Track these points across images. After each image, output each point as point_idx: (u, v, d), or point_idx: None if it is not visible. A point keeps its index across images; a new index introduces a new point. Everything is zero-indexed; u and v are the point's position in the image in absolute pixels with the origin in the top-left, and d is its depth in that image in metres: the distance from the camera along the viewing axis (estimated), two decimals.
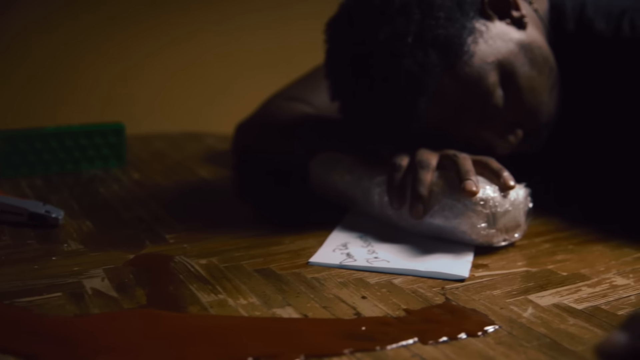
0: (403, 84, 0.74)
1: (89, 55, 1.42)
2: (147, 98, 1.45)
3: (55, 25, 1.38)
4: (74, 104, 1.40)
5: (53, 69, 1.40)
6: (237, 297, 0.60)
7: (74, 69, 1.41)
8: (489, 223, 0.69)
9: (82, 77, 1.42)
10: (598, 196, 0.86)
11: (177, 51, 1.47)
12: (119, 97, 1.43)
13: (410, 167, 0.74)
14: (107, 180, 0.97)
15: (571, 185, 0.89)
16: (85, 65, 1.42)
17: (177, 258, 0.68)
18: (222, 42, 1.43)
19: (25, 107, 1.37)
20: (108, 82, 1.44)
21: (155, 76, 1.47)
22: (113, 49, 1.44)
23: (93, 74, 1.43)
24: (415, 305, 0.58)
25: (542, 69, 0.80)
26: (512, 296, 0.60)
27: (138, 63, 1.46)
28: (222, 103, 1.10)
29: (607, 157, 0.85)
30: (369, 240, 0.73)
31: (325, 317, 0.56)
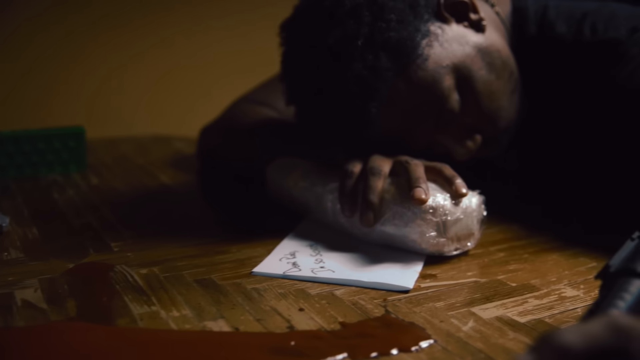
0: (353, 89, 0.72)
1: (67, 63, 1.41)
2: (121, 102, 1.44)
3: (35, 33, 1.37)
4: (54, 107, 1.38)
5: (34, 74, 1.39)
6: (170, 308, 0.58)
7: (51, 74, 1.40)
8: (439, 232, 0.67)
9: (62, 83, 1.41)
10: (562, 199, 0.84)
11: (154, 56, 1.45)
12: (87, 101, 1.42)
13: (363, 174, 0.72)
14: (65, 185, 0.95)
15: (535, 188, 0.88)
16: (66, 72, 1.41)
17: (118, 267, 0.66)
18: (198, 47, 1.41)
19: (8, 111, 1.35)
20: (77, 88, 1.43)
21: (132, 81, 1.46)
22: (92, 55, 1.42)
23: (69, 79, 1.42)
24: (353, 318, 0.56)
25: (501, 73, 0.78)
26: (455, 308, 0.58)
27: (114, 71, 1.45)
28: (197, 107, 1.08)
29: (570, 160, 0.83)
30: (318, 249, 0.71)
31: (257, 331, 0.54)
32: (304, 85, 0.76)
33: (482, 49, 0.77)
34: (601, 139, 0.78)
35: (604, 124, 0.77)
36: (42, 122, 1.10)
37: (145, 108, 1.49)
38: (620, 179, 0.76)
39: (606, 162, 0.78)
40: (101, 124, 1.34)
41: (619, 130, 0.76)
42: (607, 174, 0.78)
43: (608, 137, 0.77)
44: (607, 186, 0.78)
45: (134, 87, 1.47)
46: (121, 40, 1.43)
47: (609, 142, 0.77)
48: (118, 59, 1.44)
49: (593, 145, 0.79)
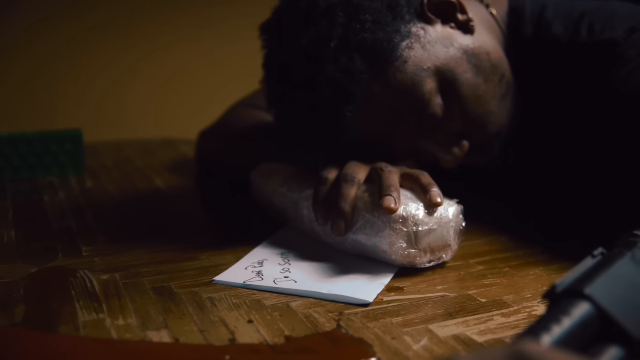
0: (326, 92, 0.69)
1: (74, 67, 1.42)
2: (128, 105, 1.45)
3: (44, 34, 1.38)
4: (61, 109, 1.40)
5: (41, 76, 1.41)
6: (117, 316, 0.56)
7: (58, 77, 1.42)
8: (410, 242, 0.64)
9: (71, 86, 1.43)
10: (558, 210, 0.80)
11: (162, 59, 1.46)
12: (94, 103, 1.43)
13: (337, 181, 0.69)
14: (58, 188, 0.96)
15: (531, 199, 0.83)
16: (72, 75, 1.43)
17: (80, 272, 0.65)
18: (207, 50, 1.41)
19: (14, 113, 1.38)
20: (84, 91, 1.45)
21: (140, 84, 1.46)
22: (99, 58, 1.44)
23: (80, 83, 1.44)
24: (301, 331, 0.54)
25: (490, 77, 0.74)
26: (412, 325, 0.55)
27: (123, 73, 1.46)
28: (205, 110, 1.07)
29: (565, 164, 0.78)
30: (289, 257, 0.69)
31: (196, 343, 0.52)
32: (279, 89, 0.74)
33: (469, 51, 0.73)
34: (596, 143, 0.73)
35: (599, 127, 0.72)
36: (48, 125, 1.11)
37: (153, 111, 1.49)
38: (616, 184, 0.72)
39: (602, 166, 0.73)
40: (108, 127, 1.35)
41: (614, 134, 0.71)
42: (603, 178, 0.73)
43: (603, 141, 0.72)
44: (604, 191, 0.73)
45: (141, 90, 1.48)
46: (129, 43, 1.44)
47: (604, 146, 0.72)
48: (126, 62, 1.45)
49: (588, 149, 0.74)
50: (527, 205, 0.83)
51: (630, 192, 0.69)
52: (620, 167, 0.71)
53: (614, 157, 0.72)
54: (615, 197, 0.72)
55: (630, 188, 0.70)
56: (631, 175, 0.69)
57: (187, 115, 1.14)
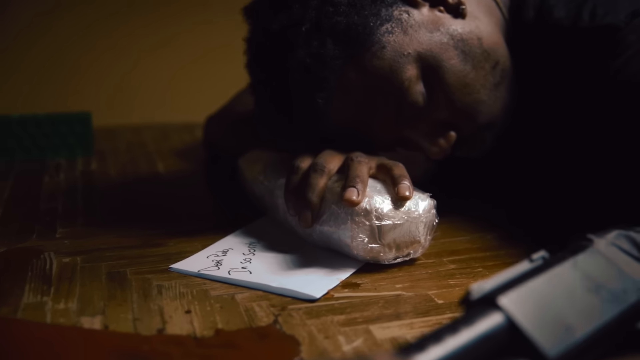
0: (297, 78, 0.66)
1: (96, 47, 1.44)
2: (150, 88, 1.45)
3: (62, 17, 1.40)
4: (82, 93, 1.42)
5: (61, 59, 1.43)
6: (60, 300, 0.56)
7: (82, 60, 1.44)
8: (373, 237, 0.61)
9: (90, 68, 1.44)
10: (551, 206, 0.74)
11: (186, 44, 1.45)
12: (115, 87, 1.44)
13: (308, 170, 0.67)
14: (63, 169, 0.97)
15: (524, 194, 0.78)
16: (93, 56, 1.44)
17: (45, 254, 0.66)
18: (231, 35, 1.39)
19: (33, 96, 1.40)
20: (106, 74, 1.46)
21: (163, 67, 1.47)
22: (121, 41, 1.45)
23: (99, 65, 1.45)
24: (234, 325, 0.52)
25: (480, 64, 0.70)
26: (352, 324, 0.52)
27: (144, 57, 1.47)
28: (226, 95, 1.06)
29: (561, 159, 0.73)
30: (256, 248, 0.67)
31: (125, 331, 0.51)
32: (254, 73, 0.72)
33: (457, 36, 0.69)
34: (592, 133, 0.68)
35: (595, 117, 0.67)
36: (67, 107, 1.12)
37: (174, 95, 1.49)
38: (611, 177, 0.66)
39: (598, 159, 0.68)
40: (129, 111, 1.36)
41: (610, 124, 0.65)
42: (599, 171, 0.68)
43: (599, 131, 0.67)
44: (599, 184, 0.68)
45: (163, 74, 1.48)
46: (150, 28, 1.43)
47: (600, 138, 0.67)
48: (147, 46, 1.45)
49: (584, 140, 0.69)
50: (520, 202, 0.78)
51: (626, 187, 0.64)
52: (615, 160, 0.65)
53: (610, 149, 0.66)
54: (610, 191, 0.67)
55: (625, 182, 0.64)
56: (627, 169, 0.64)
57: (207, 100, 1.13)
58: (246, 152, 0.84)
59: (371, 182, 0.65)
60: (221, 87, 1.40)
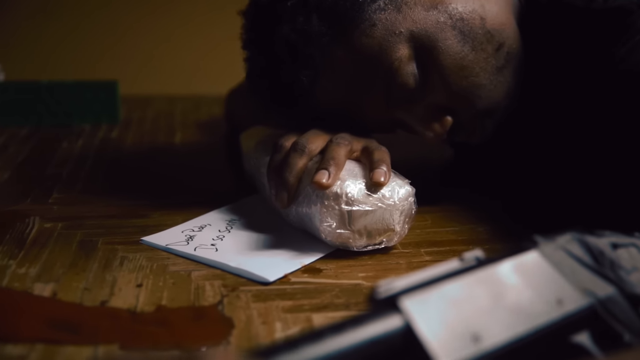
0: (281, 54, 0.64)
1: (133, 13, 1.45)
2: (185, 60, 1.46)
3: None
4: (120, 61, 1.43)
5: (99, 26, 1.44)
6: (23, 265, 0.57)
7: (118, 27, 1.45)
8: (342, 222, 0.59)
9: (126, 36, 1.45)
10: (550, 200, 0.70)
11: (221, 17, 1.45)
12: (154, 57, 1.45)
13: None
14: (84, 135, 0.99)
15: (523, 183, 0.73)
16: (129, 24, 1.46)
17: (30, 219, 0.67)
18: None
19: (66, 62, 1.43)
20: (148, 43, 1.47)
21: (198, 38, 1.47)
22: (158, 10, 1.46)
23: (135, 33, 1.46)
24: (179, 302, 0.51)
25: (481, 46, 0.65)
26: (296, 311, 0.50)
27: (179, 27, 1.47)
28: None
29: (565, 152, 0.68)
30: (233, 226, 0.66)
31: (71, 300, 0.51)
32: (244, 48, 0.70)
33: (456, 15, 0.65)
34: (592, 124, 0.63)
35: (596, 106, 0.62)
36: (104, 76, 1.14)
37: (210, 66, 1.49)
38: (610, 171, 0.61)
39: (597, 150, 0.63)
40: (165, 80, 1.37)
41: (609, 115, 0.60)
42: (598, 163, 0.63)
43: (599, 122, 0.62)
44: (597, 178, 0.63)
45: (200, 44, 1.48)
46: None
47: (600, 129, 0.62)
48: (182, 17, 1.46)
49: (584, 130, 0.64)
50: (519, 193, 0.74)
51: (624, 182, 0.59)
52: (614, 153, 0.60)
53: (609, 141, 0.61)
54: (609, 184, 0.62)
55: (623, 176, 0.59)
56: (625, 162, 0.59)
57: (240, 72, 1.13)
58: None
59: (350, 166, 0.62)
60: None
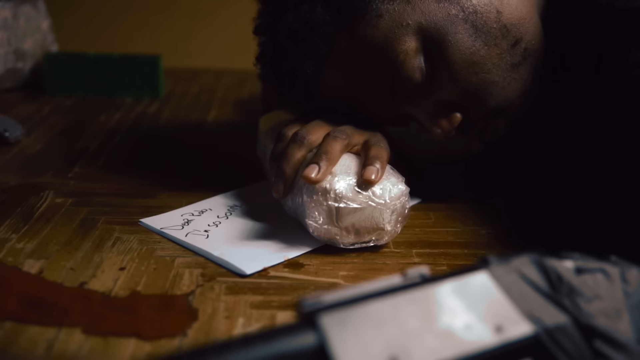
0: (284, 43, 0.64)
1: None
2: (234, 34, 1.45)
3: None
4: (166, 31, 1.44)
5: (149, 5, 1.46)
6: (23, 239, 0.60)
7: (165, 4, 1.46)
8: (330, 218, 0.58)
9: (174, 9, 1.45)
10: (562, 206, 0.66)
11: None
12: (201, 30, 1.45)
13: None
14: (123, 109, 1.02)
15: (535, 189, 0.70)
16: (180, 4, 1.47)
17: (44, 193, 0.70)
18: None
19: (119, 34, 1.44)
20: (197, 15, 1.47)
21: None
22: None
23: (184, 6, 1.46)
24: (153, 289, 0.53)
25: (495, 41, 0.62)
26: (264, 307, 0.51)
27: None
28: None
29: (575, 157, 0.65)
30: (233, 212, 0.67)
31: (55, 280, 0.53)
32: (255, 33, 0.69)
33: (469, 7, 0.62)
34: (602, 130, 0.59)
35: (607, 112, 0.58)
36: (155, 48, 1.17)
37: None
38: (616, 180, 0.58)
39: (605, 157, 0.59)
40: (214, 54, 1.38)
41: (619, 123, 0.56)
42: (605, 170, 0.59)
43: (609, 129, 0.58)
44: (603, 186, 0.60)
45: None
46: None
47: (609, 136, 0.58)
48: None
49: (595, 136, 0.60)
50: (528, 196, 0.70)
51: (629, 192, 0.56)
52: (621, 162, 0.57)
53: (617, 149, 0.57)
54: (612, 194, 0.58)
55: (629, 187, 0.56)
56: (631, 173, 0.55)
57: None
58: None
59: (347, 160, 0.61)
60: None
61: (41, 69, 1.07)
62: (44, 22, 1.10)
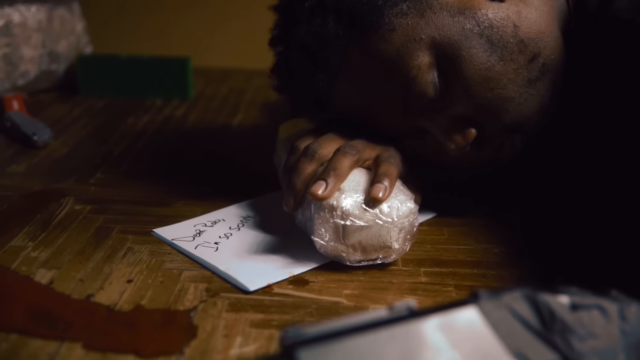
0: (297, 56, 0.63)
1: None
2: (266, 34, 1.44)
3: None
4: (198, 30, 1.44)
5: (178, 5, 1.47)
6: (38, 248, 0.61)
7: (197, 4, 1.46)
8: (336, 235, 0.58)
9: (205, 9, 1.45)
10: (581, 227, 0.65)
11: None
12: (233, 30, 1.45)
13: None
14: (151, 111, 1.03)
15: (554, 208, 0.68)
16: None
17: (65, 199, 0.72)
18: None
19: (152, 36, 1.45)
20: (228, 14, 1.46)
21: None
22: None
23: (215, 5, 1.46)
24: (157, 304, 0.53)
25: (512, 56, 0.61)
26: (263, 326, 0.51)
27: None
28: None
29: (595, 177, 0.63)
30: (245, 223, 0.67)
31: (64, 292, 0.54)
32: (269, 46, 0.69)
33: (485, 22, 0.60)
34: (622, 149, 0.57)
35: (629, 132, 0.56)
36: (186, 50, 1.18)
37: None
38: None
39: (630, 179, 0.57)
40: (245, 54, 1.38)
41: None
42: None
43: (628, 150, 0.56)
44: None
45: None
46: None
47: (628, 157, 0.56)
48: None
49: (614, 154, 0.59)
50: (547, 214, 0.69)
51: None
52: None
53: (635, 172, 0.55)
54: None
55: None
56: None
57: None
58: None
59: (357, 176, 0.61)
60: None
61: (75, 71, 1.09)
62: (78, 24, 1.12)
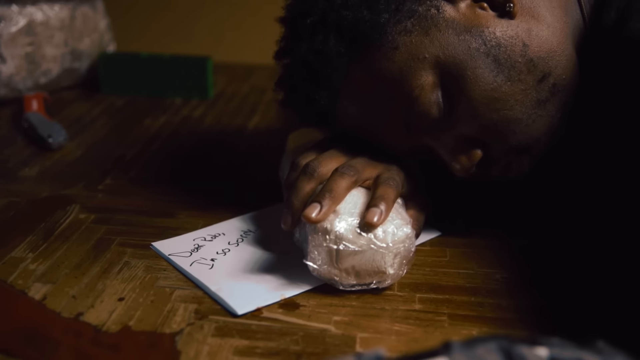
0: (299, 73, 0.62)
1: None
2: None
3: None
4: (221, 26, 1.43)
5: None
6: (37, 260, 0.62)
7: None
8: (330, 259, 0.57)
9: (228, 5, 1.45)
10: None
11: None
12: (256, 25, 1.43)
13: None
14: (170, 111, 1.03)
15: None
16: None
17: (71, 207, 0.72)
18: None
19: (176, 34, 1.45)
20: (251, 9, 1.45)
21: None
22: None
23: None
24: (145, 325, 0.53)
25: (520, 76, 0.58)
26: (246, 354, 0.50)
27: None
28: None
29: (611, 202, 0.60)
30: (245, 238, 0.66)
31: (50, 308, 0.55)
32: (274, 59, 0.68)
33: (492, 40, 0.58)
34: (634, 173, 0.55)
35: None
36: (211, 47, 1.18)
37: None
38: None
39: None
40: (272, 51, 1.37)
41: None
42: None
43: None
44: None
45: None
46: None
47: None
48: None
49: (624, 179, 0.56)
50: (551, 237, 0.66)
51: None
52: None
53: None
54: None
55: None
56: None
57: None
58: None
59: (355, 197, 0.60)
60: None
61: (97, 69, 1.10)
62: (101, 21, 1.12)
